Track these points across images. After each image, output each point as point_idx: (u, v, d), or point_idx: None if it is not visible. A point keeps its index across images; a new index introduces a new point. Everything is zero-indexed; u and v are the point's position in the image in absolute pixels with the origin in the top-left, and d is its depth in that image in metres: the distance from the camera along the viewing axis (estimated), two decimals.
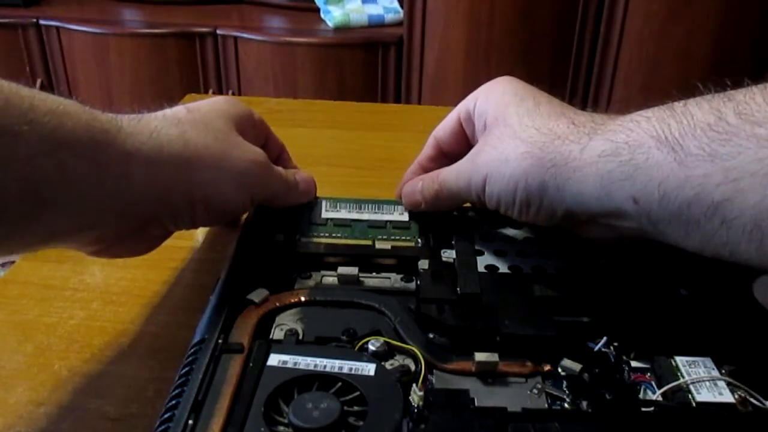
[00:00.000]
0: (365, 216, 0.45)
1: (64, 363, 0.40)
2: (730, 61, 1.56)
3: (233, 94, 1.75)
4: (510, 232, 0.44)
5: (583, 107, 1.32)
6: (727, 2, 1.50)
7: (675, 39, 1.55)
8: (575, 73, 1.64)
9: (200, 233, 0.51)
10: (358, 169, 0.68)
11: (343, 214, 0.45)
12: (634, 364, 0.34)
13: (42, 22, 1.75)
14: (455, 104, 0.46)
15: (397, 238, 0.43)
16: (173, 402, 0.30)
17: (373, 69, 1.74)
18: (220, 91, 1.75)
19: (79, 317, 0.44)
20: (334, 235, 0.44)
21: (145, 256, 0.50)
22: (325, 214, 0.45)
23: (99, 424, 0.35)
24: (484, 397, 0.32)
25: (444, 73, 1.67)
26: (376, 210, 0.46)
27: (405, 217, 0.45)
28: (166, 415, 0.30)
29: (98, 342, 0.42)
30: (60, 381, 0.39)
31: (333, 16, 1.74)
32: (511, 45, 1.61)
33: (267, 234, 0.43)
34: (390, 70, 1.74)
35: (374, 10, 1.79)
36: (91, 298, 0.46)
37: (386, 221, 0.45)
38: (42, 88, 1.81)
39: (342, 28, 1.74)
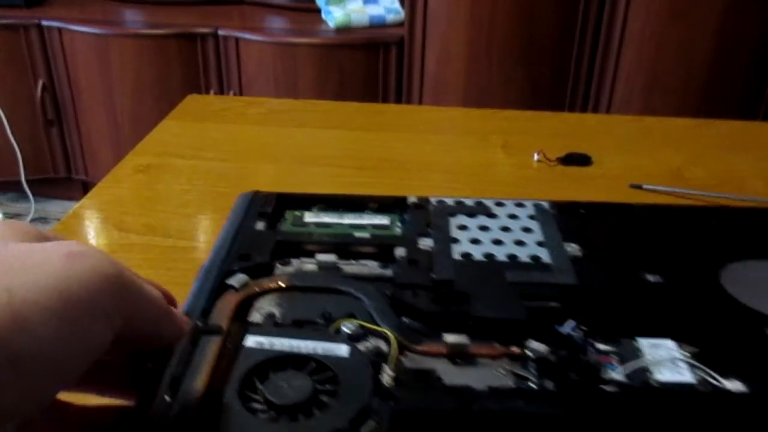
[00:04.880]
0: (346, 221, 0.46)
1: None
2: (731, 62, 1.57)
3: (234, 94, 1.76)
4: (486, 221, 0.45)
5: (584, 108, 1.33)
6: (728, 3, 1.51)
7: (676, 40, 1.55)
8: (576, 73, 1.65)
9: None
10: (358, 170, 0.69)
11: (324, 219, 0.46)
12: (601, 347, 0.35)
13: (44, 23, 1.77)
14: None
15: (377, 234, 0.45)
16: (150, 381, 0.31)
17: (373, 69, 1.75)
18: (221, 92, 1.77)
19: None
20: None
21: (146, 257, 0.50)
22: (307, 219, 0.47)
23: None
24: (453, 377, 0.33)
25: (445, 73, 1.69)
26: (358, 219, 0.46)
27: (386, 221, 0.46)
28: (143, 392, 0.31)
29: None
30: None
31: (334, 16, 1.76)
32: (511, 46, 1.63)
33: (249, 223, 0.45)
34: (391, 70, 1.75)
35: (375, 10, 1.80)
36: None
37: (367, 224, 0.46)
38: (44, 88, 1.84)
39: (343, 29, 1.76)
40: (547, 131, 0.80)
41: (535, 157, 0.71)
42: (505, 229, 0.44)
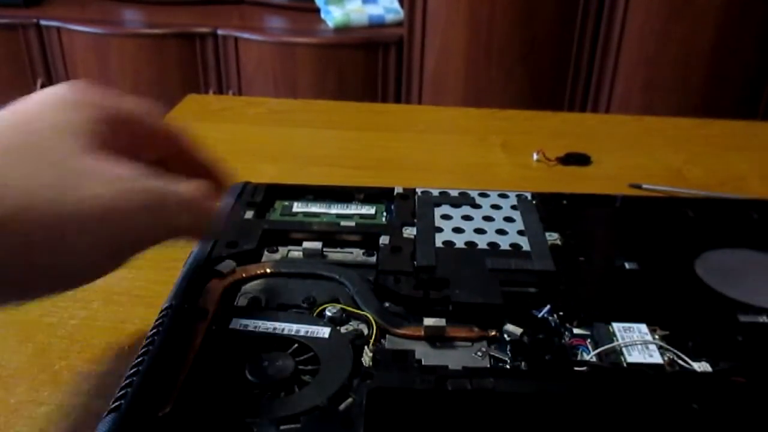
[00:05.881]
0: (334, 211, 0.47)
1: (65, 363, 0.41)
2: (730, 61, 1.58)
3: (234, 94, 1.77)
4: (469, 211, 0.46)
5: (584, 107, 1.33)
6: (727, 1, 1.51)
7: (675, 38, 1.56)
8: (575, 72, 1.65)
9: None
10: (358, 170, 0.70)
11: (312, 209, 0.47)
12: (575, 330, 0.37)
13: (42, 22, 1.77)
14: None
15: (363, 223, 0.46)
16: (139, 360, 0.33)
17: (373, 69, 1.75)
18: (220, 91, 1.78)
19: (79, 317, 0.45)
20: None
21: (145, 256, 0.51)
22: (296, 209, 0.48)
23: None
24: (431, 358, 0.34)
25: (444, 73, 1.69)
26: (345, 208, 0.48)
27: (372, 211, 0.47)
28: (132, 370, 0.32)
29: (99, 342, 0.43)
30: (60, 381, 0.40)
31: (333, 16, 1.77)
32: (511, 45, 1.63)
33: (238, 212, 0.46)
34: (390, 70, 1.75)
35: (375, 10, 1.81)
36: (91, 298, 0.47)
37: (354, 214, 0.47)
38: (42, 88, 1.83)
39: (342, 29, 1.76)
40: (547, 131, 0.81)
41: (535, 156, 0.72)
42: (488, 218, 0.46)
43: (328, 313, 0.36)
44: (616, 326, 0.36)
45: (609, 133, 0.81)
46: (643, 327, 0.36)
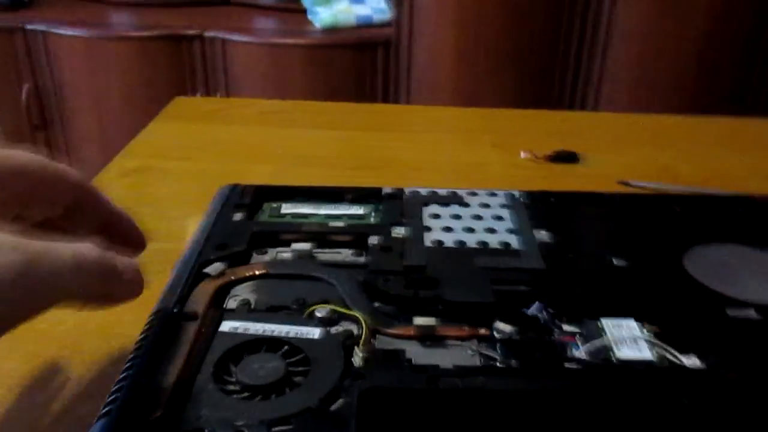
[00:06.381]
0: (323, 211, 0.47)
1: (56, 368, 0.41)
2: (719, 58, 1.58)
3: (222, 96, 1.77)
4: (459, 210, 0.46)
5: (572, 106, 1.33)
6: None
7: (663, 37, 1.57)
8: (564, 71, 1.66)
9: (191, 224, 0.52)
10: (354, 170, 0.70)
11: (301, 210, 0.47)
12: (566, 327, 0.37)
13: (29, 26, 1.76)
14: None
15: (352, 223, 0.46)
16: (129, 364, 0.33)
17: (362, 70, 1.75)
18: (208, 93, 1.77)
19: (70, 322, 0.45)
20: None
21: (142, 258, 0.50)
22: (284, 210, 0.48)
23: None
24: (422, 357, 0.34)
25: (433, 73, 1.69)
26: (334, 209, 0.48)
27: (362, 211, 0.47)
28: (122, 375, 0.32)
29: (89, 347, 0.43)
30: (52, 387, 0.40)
31: (320, 17, 1.77)
32: (500, 45, 1.64)
33: (227, 214, 0.46)
34: (379, 70, 1.75)
35: (362, 10, 1.80)
36: None
37: (343, 214, 0.47)
38: (29, 93, 1.83)
39: (329, 29, 1.76)
40: (537, 129, 0.81)
41: (523, 155, 0.72)
42: (477, 217, 0.46)
43: (318, 314, 0.36)
44: (606, 322, 0.36)
45: (597, 131, 0.81)
46: (634, 323, 0.36)
